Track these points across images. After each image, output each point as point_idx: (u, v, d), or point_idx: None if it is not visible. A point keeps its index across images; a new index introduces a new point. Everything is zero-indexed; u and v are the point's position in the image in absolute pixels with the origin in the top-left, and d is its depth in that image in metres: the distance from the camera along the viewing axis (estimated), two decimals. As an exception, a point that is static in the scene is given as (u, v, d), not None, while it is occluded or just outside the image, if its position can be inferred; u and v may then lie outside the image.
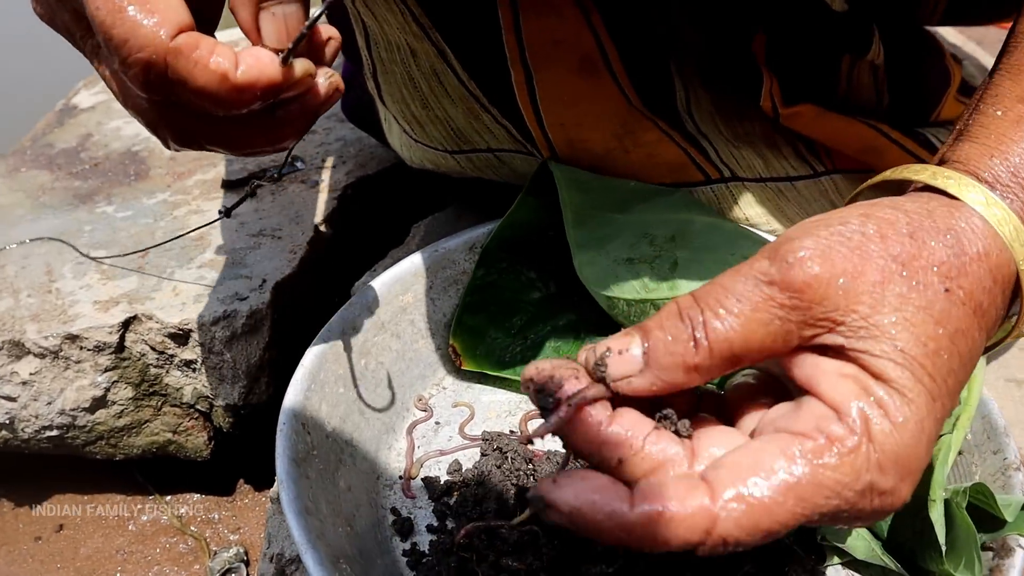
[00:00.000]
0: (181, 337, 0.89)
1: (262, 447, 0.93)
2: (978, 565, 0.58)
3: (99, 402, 0.91)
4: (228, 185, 1.13)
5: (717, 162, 0.84)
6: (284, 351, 0.93)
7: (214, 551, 0.94)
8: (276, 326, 0.91)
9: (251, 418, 0.92)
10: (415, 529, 0.69)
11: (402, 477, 0.74)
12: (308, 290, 0.98)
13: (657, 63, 0.78)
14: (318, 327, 0.76)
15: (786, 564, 0.65)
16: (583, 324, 0.82)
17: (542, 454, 0.73)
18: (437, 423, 0.80)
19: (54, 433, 0.90)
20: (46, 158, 1.28)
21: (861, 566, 0.68)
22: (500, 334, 0.84)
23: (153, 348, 0.90)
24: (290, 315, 0.95)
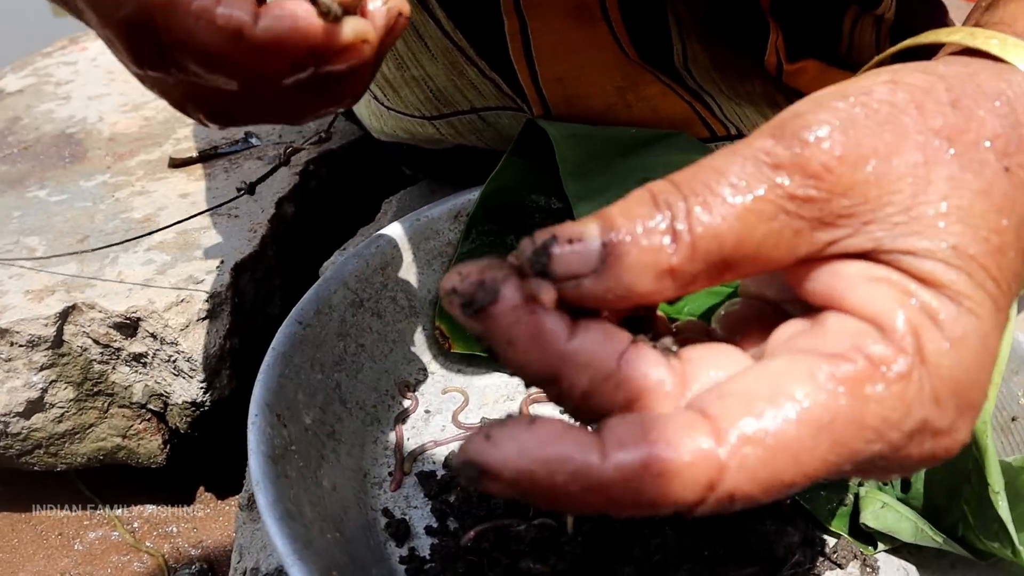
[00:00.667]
0: (128, 327, 0.78)
1: (224, 449, 0.82)
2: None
3: (35, 405, 0.80)
4: (176, 164, 1.02)
5: (722, 118, 0.78)
6: (247, 340, 0.83)
7: (174, 568, 0.84)
8: (237, 311, 0.82)
9: (211, 417, 0.82)
10: (412, 532, 0.60)
11: (392, 473, 0.65)
12: (272, 271, 0.88)
13: (655, 14, 0.71)
14: (285, 311, 0.67)
15: (814, 551, 0.58)
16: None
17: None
18: (427, 411, 0.71)
19: (-17, 443, 0.79)
20: (-32, 142, 1.15)
21: (909, 551, 0.61)
22: (490, 312, 0.75)
23: (96, 341, 0.79)
24: (253, 299, 0.85)
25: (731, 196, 0.29)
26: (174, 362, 0.78)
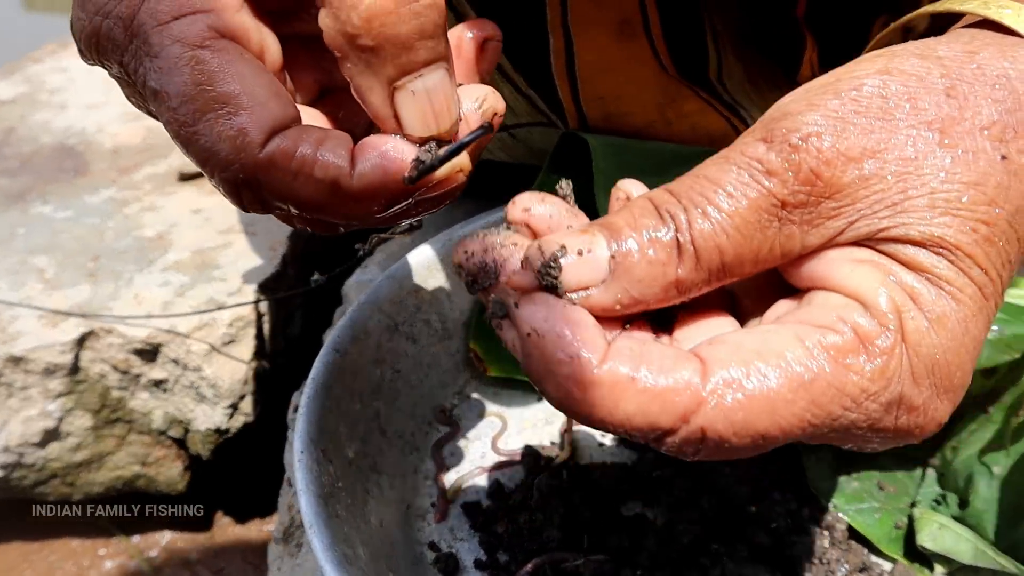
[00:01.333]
0: (148, 353, 0.76)
1: (243, 472, 0.80)
2: None
3: (51, 435, 0.77)
4: (186, 178, 0.99)
5: None
6: (272, 362, 0.80)
7: (196, 599, 0.81)
8: (262, 334, 0.79)
9: (234, 442, 0.79)
10: (461, 566, 0.59)
11: (435, 504, 0.63)
12: (298, 288, 0.86)
13: (693, 28, 0.70)
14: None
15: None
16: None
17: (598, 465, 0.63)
18: (466, 438, 0.69)
19: (-3, 474, 0.76)
20: (-37, 155, 1.11)
21: (967, 573, 0.60)
22: (524, 332, 0.74)
23: (115, 368, 0.76)
24: (274, 320, 0.82)
25: (729, 206, 0.30)
26: (197, 388, 0.76)
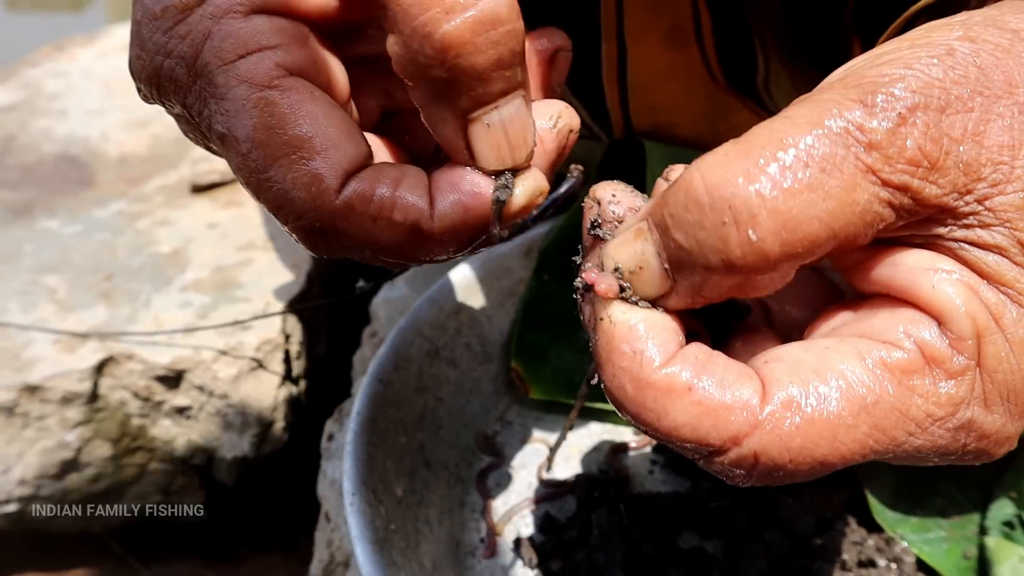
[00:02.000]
0: (171, 380, 0.72)
1: (270, 502, 0.77)
2: None
3: (69, 465, 0.73)
4: (200, 189, 0.95)
5: None
6: (299, 385, 0.77)
7: (222, 633, 0.78)
8: (289, 357, 0.76)
9: (260, 470, 0.76)
10: (518, 609, 0.56)
11: (483, 540, 0.60)
12: (318, 310, 0.82)
13: (742, 34, 0.68)
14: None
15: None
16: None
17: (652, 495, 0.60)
18: (510, 467, 0.66)
19: (12, 508, 0.72)
20: (-38, 166, 1.07)
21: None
22: (566, 351, 0.71)
23: (136, 394, 0.73)
24: (300, 340, 0.79)
25: (822, 185, 0.26)
26: (224, 416, 0.72)
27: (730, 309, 0.33)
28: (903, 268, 0.28)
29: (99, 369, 0.72)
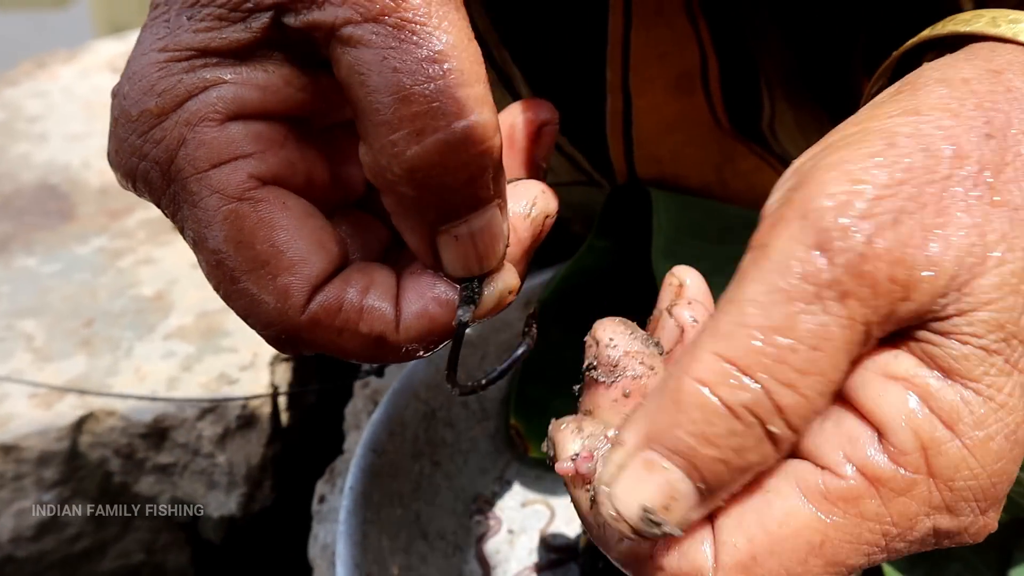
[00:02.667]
0: (155, 437, 0.69)
1: (259, 560, 0.74)
2: None
3: (47, 527, 0.70)
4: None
5: None
6: (291, 443, 0.74)
7: None
8: (277, 410, 0.72)
9: (248, 528, 0.73)
10: None
11: (484, 616, 0.57)
12: (307, 358, 0.79)
13: (748, 76, 0.66)
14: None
15: None
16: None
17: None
18: (510, 531, 0.63)
19: (-12, 572, 0.69)
20: (-63, 197, 1.03)
21: None
22: (566, 406, 0.68)
23: (117, 452, 0.70)
24: (295, 397, 0.76)
25: (821, 364, 0.25)
26: (209, 475, 0.69)
27: None
28: (860, 373, 0.27)
29: (78, 426, 0.68)
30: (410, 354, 0.33)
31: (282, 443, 0.73)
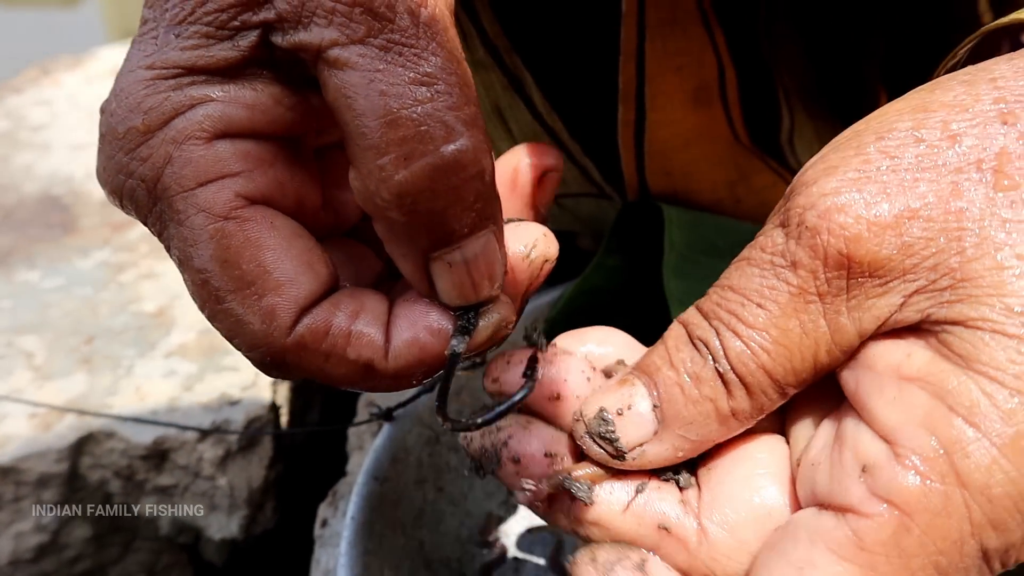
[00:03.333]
0: (155, 458, 0.68)
1: (261, 575, 0.73)
2: None
3: (46, 548, 0.69)
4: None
5: None
6: (294, 463, 0.73)
7: None
8: (281, 436, 0.71)
9: (251, 550, 0.72)
10: None
11: (489, 648, 0.56)
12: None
13: (766, 88, 0.64)
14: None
15: None
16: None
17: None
18: (515, 559, 0.61)
19: (-13, 595, 0.68)
20: (-61, 208, 1.02)
21: None
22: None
23: (117, 474, 0.68)
24: (292, 409, 0.74)
25: (760, 319, 0.28)
26: (211, 497, 0.68)
27: None
28: (873, 373, 0.26)
29: (78, 448, 0.67)
30: (400, 383, 0.32)
31: (284, 464, 0.71)
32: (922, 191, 0.26)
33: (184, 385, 0.71)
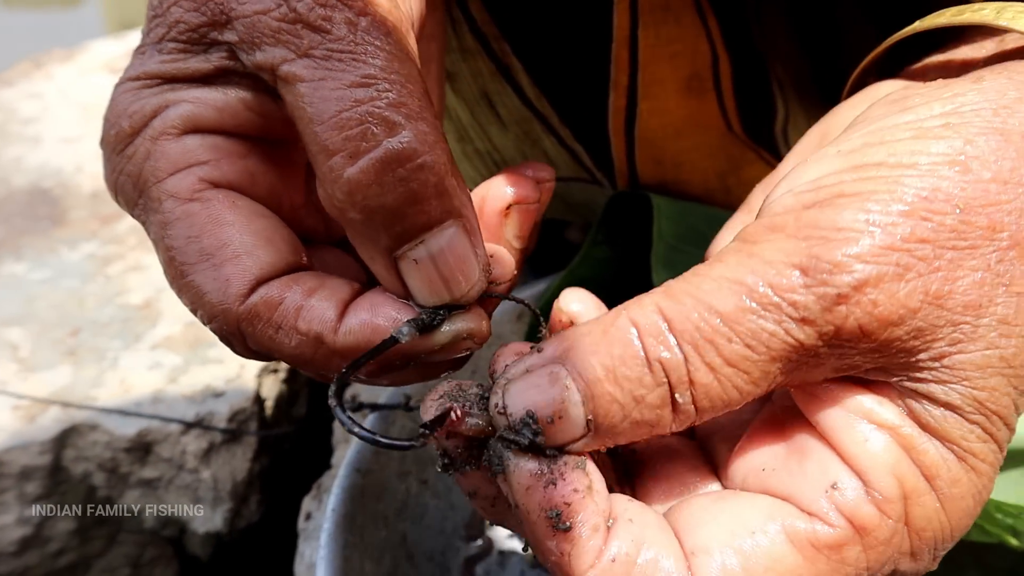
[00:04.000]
0: (139, 451, 0.67)
1: (243, 571, 0.72)
2: None
3: (30, 541, 0.68)
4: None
5: None
6: (278, 456, 0.72)
7: None
8: (265, 422, 0.71)
9: (236, 544, 0.71)
10: None
11: (472, 641, 0.56)
12: (301, 375, 0.77)
13: (760, 79, 0.64)
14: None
15: None
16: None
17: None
18: (500, 552, 0.61)
19: (-31, 588, 0.68)
20: (-72, 201, 1.02)
21: None
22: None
23: (100, 466, 0.68)
24: (276, 402, 0.74)
25: (743, 360, 0.26)
26: (194, 490, 0.68)
27: None
28: (840, 411, 0.28)
29: (61, 440, 0.67)
30: (347, 372, 0.31)
31: (269, 457, 0.71)
32: (948, 276, 0.26)
33: (169, 377, 0.71)
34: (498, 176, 0.38)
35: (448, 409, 0.28)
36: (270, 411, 0.72)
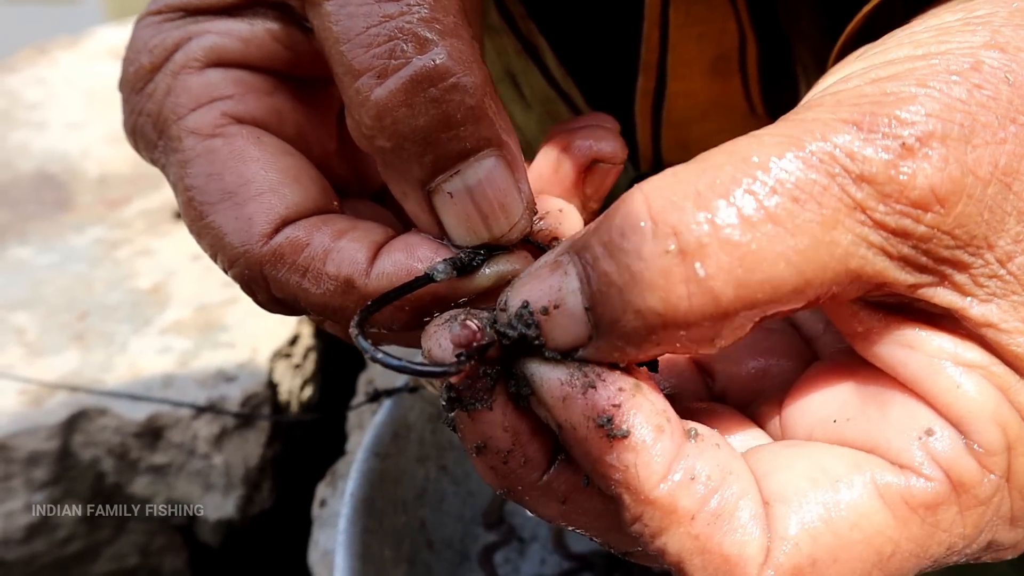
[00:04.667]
0: (148, 436, 0.66)
1: (258, 564, 0.71)
2: None
3: (37, 528, 0.67)
4: (183, 215, 0.89)
5: None
6: (292, 442, 0.71)
7: None
8: (278, 407, 0.69)
9: (247, 531, 0.70)
10: None
11: (493, 630, 0.54)
12: (306, 354, 0.76)
13: (784, 63, 0.63)
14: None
15: None
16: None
17: None
18: (520, 540, 0.60)
19: (-24, 575, 0.66)
20: (-68, 185, 1.00)
21: None
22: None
23: (110, 452, 0.66)
24: (288, 388, 0.72)
25: (791, 217, 0.21)
26: (206, 476, 0.66)
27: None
28: (919, 356, 0.24)
29: (69, 425, 0.65)
30: (386, 317, 0.28)
31: (282, 443, 0.69)
32: (1016, 150, 0.22)
33: (180, 361, 0.69)
34: (575, 126, 0.35)
35: (473, 330, 0.24)
36: (284, 396, 0.71)
